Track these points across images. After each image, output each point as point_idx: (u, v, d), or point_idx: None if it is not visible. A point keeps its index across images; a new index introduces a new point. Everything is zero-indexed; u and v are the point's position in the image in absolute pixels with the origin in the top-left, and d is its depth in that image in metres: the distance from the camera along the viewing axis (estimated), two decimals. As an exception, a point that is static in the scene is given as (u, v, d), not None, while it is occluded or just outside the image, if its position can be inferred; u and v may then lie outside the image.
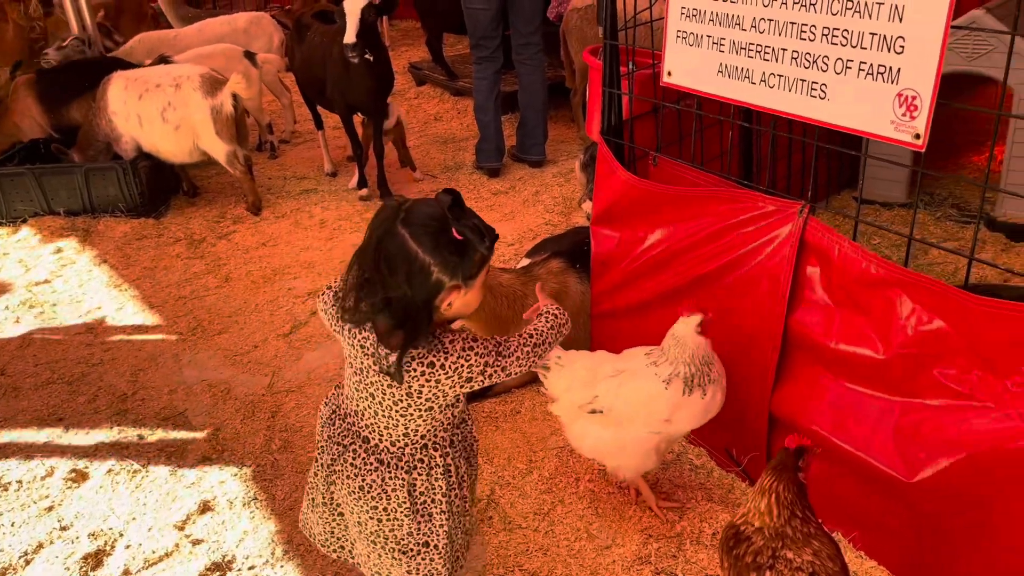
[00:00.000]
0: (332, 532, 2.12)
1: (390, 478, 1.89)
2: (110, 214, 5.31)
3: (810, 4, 2.20)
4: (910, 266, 2.22)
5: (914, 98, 2.01)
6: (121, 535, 2.81)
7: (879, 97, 2.08)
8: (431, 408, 1.84)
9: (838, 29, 2.15)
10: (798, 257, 2.40)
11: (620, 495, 2.80)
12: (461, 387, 1.81)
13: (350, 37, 4.60)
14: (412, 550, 1.94)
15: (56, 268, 4.76)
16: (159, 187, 5.48)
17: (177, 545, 2.74)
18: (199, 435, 3.28)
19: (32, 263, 4.84)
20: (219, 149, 5.19)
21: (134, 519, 2.88)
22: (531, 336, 1.92)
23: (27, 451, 3.26)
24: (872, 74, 2.09)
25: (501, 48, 5.55)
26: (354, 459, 1.91)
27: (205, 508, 2.90)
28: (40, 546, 2.78)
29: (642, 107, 3.34)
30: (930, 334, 2.10)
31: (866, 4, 2.06)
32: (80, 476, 3.10)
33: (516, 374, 1.87)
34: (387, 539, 1.94)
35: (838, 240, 2.29)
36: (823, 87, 2.23)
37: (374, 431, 1.89)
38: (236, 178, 5.38)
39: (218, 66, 5.59)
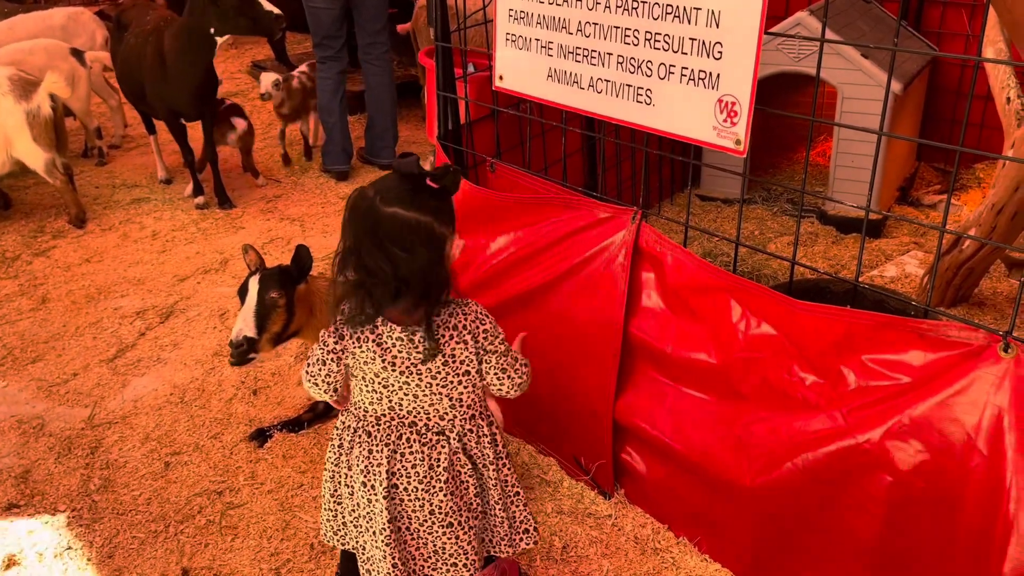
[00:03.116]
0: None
1: (448, 443, 1.92)
2: (-94, 232, 4.77)
3: (632, 8, 2.17)
4: (738, 271, 2.23)
5: (733, 104, 2.01)
6: (-93, 603, 2.48)
7: (701, 103, 2.07)
8: (468, 372, 1.89)
9: (660, 34, 2.13)
10: (633, 264, 2.38)
11: (469, 513, 2.71)
12: (485, 352, 1.89)
13: None
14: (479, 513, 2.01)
15: None
16: (-35, 200, 4.96)
17: (-26, 610, 2.45)
18: (4, 479, 2.95)
19: None
20: (37, 157, 4.74)
21: (-76, 583, 2.55)
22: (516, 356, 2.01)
23: None
24: (694, 80, 2.08)
25: (346, 47, 5.35)
26: (410, 447, 1.90)
27: (10, 563, 2.60)
28: None
29: (482, 110, 3.26)
30: (760, 338, 2.12)
31: (685, 9, 2.05)
32: None
33: (505, 367, 1.95)
34: (461, 510, 1.95)
35: (670, 246, 2.28)
36: (648, 92, 2.20)
37: (420, 414, 1.90)
38: (56, 188, 4.94)
39: (40, 65, 5.11)
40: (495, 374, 1.92)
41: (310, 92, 5.64)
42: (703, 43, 2.03)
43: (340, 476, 2.01)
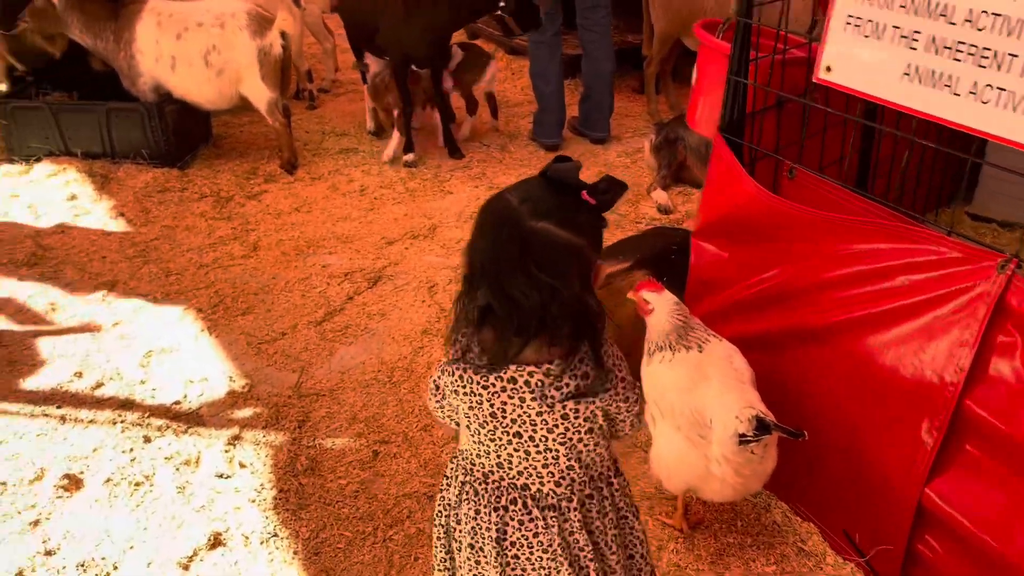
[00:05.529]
0: None
1: (566, 520, 1.61)
2: (131, 160, 4.82)
3: (1064, -3, 1.64)
4: None
5: None
6: (116, 568, 2.37)
7: None
8: (591, 430, 1.57)
9: (1105, 35, 1.60)
10: (989, 322, 1.88)
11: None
12: (615, 407, 1.58)
13: None
14: None
15: (69, 218, 4.28)
16: (186, 134, 4.96)
17: (181, 590, 2.30)
18: (214, 442, 2.82)
19: (43, 209, 4.36)
20: (261, 96, 4.67)
21: (132, 547, 2.44)
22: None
23: (15, 444, 2.82)
24: None
25: (561, 4, 4.91)
26: (528, 513, 1.60)
27: (216, 542, 2.45)
28: (20, 574, 2.35)
29: (759, 102, 2.79)
30: None
31: None
32: (74, 483, 2.66)
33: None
34: None
35: (1057, 311, 1.77)
36: (1067, 111, 1.68)
37: (533, 477, 1.59)
38: (274, 130, 4.87)
39: (255, 3, 5.04)
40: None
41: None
42: None
43: (451, 527, 1.71)
